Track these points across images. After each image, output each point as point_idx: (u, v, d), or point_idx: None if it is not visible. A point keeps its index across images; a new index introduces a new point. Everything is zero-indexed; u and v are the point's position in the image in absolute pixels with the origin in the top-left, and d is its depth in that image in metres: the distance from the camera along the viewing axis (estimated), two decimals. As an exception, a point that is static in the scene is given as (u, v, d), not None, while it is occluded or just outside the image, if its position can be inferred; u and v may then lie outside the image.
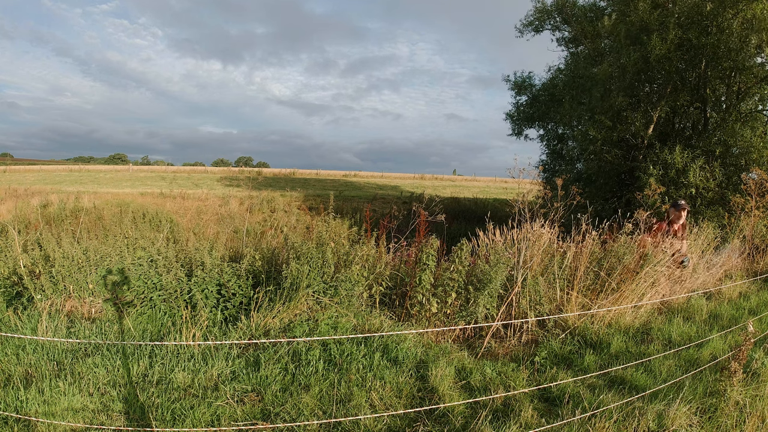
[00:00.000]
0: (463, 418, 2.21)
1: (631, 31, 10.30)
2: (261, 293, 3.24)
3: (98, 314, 3.21)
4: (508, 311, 3.49)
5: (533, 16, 13.58)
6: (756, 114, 10.99)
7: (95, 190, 18.90)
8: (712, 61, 9.95)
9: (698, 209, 9.45)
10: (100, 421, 2.07)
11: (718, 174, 9.44)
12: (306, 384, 2.44)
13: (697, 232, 5.33)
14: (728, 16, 9.00)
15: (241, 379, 2.46)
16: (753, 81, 10.44)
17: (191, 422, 2.07)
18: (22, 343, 2.65)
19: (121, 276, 3.35)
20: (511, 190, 21.76)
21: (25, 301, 3.22)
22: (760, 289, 5.05)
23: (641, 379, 2.66)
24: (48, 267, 3.40)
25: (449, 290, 3.34)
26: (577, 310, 3.65)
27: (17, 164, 47.40)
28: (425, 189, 15.84)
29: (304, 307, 3.31)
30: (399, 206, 7.16)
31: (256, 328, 2.99)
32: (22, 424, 1.97)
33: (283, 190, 19.62)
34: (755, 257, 6.17)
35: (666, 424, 2.16)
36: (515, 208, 4.03)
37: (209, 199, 15.05)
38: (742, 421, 2.21)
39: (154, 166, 59.37)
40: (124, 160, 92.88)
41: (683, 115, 11.58)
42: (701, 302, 4.25)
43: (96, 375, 2.41)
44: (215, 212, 11.30)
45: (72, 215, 6.88)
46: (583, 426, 2.12)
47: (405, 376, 2.60)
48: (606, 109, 10.86)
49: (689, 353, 3.06)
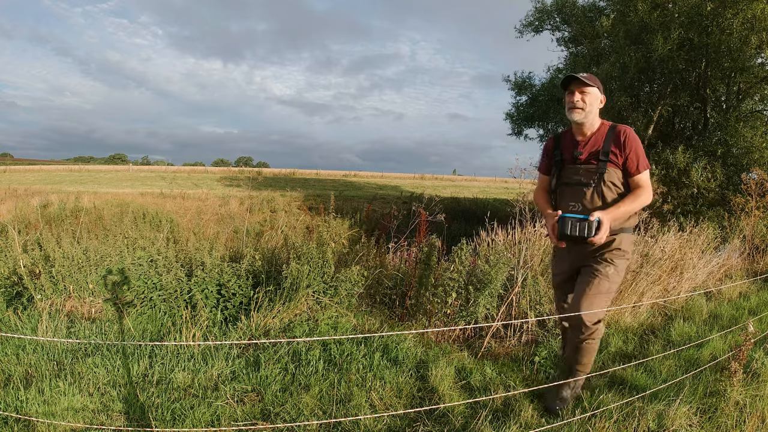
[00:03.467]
0: (463, 418, 2.21)
1: (631, 32, 10.30)
2: (261, 293, 3.24)
3: (98, 314, 3.21)
4: (508, 311, 3.49)
5: (533, 17, 13.58)
6: (756, 114, 10.98)
7: (95, 190, 18.91)
8: (712, 61, 9.95)
9: (699, 209, 9.45)
10: (100, 421, 2.07)
11: (719, 174, 9.44)
12: (306, 384, 2.44)
13: (697, 232, 5.33)
14: (728, 16, 9.00)
15: (241, 379, 2.46)
16: (753, 81, 10.43)
17: (191, 422, 2.07)
18: (22, 343, 2.65)
19: (121, 276, 3.35)
20: (511, 190, 21.80)
21: (25, 301, 3.23)
22: (760, 289, 5.05)
23: (641, 379, 2.66)
24: (48, 267, 3.40)
25: (449, 290, 3.34)
26: (577, 310, 3.64)
27: (17, 164, 47.45)
28: (425, 189, 15.85)
29: (304, 307, 3.31)
30: (399, 206, 7.16)
31: (256, 328, 2.99)
32: (22, 424, 1.97)
33: (283, 190, 19.63)
34: (755, 257, 6.17)
35: (666, 424, 2.16)
36: (516, 208, 4.03)
37: (209, 199, 15.06)
38: (742, 421, 2.21)
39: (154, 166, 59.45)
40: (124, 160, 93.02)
41: (683, 115, 11.58)
42: (701, 302, 4.25)
43: (96, 375, 2.42)
44: (215, 212, 11.31)
45: (72, 215, 6.88)
46: (583, 426, 2.12)
47: (405, 376, 2.60)
48: (607, 109, 10.87)
49: (689, 353, 3.06)
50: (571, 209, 2.34)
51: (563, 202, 2.39)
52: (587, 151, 2.34)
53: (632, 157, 2.29)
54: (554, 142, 2.50)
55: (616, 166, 2.28)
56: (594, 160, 2.31)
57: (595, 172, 2.29)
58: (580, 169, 2.34)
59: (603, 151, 2.28)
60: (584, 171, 2.33)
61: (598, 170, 2.29)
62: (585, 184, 2.32)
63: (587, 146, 2.35)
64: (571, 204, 2.35)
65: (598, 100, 2.34)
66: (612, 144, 2.29)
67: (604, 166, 2.28)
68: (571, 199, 2.36)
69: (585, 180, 2.32)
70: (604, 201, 2.29)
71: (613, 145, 2.29)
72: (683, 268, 4.59)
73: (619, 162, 2.27)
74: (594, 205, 2.31)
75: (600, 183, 2.28)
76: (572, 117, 2.31)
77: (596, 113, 2.36)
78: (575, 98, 2.28)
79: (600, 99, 2.35)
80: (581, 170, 2.34)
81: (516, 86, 14.86)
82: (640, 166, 2.29)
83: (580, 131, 2.37)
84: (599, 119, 2.39)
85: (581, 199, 2.33)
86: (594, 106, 2.32)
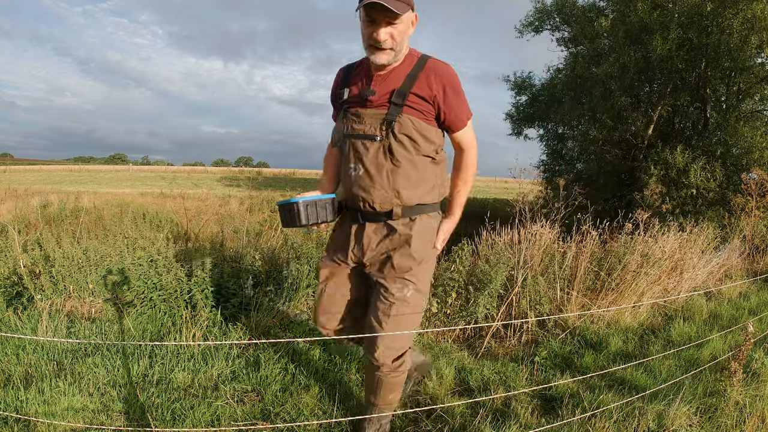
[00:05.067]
0: (463, 418, 2.21)
1: (631, 32, 10.30)
2: (261, 293, 3.24)
3: (98, 314, 3.21)
4: (508, 311, 3.49)
5: (533, 17, 13.58)
6: (756, 114, 10.98)
7: (95, 190, 18.92)
8: (712, 61, 9.95)
9: (699, 209, 9.45)
10: (100, 421, 2.07)
11: (719, 174, 9.44)
12: (306, 384, 2.44)
13: (697, 232, 5.33)
14: (728, 16, 9.00)
15: (241, 379, 2.46)
16: (753, 81, 10.44)
17: (191, 422, 2.07)
18: (22, 343, 2.65)
19: (121, 276, 3.35)
20: (511, 190, 21.79)
21: (25, 301, 3.22)
22: (760, 289, 5.05)
23: (641, 379, 2.66)
24: (48, 267, 3.40)
25: (449, 290, 3.34)
26: (577, 310, 3.65)
27: (17, 164, 47.46)
28: (425, 189, 15.79)
29: (304, 307, 3.31)
30: (399, 206, 7.15)
31: (256, 328, 2.99)
32: (22, 424, 1.97)
33: (283, 190, 19.64)
34: (755, 257, 6.17)
35: (666, 424, 2.16)
36: (515, 208, 4.03)
37: (209, 199, 15.05)
38: (742, 421, 2.21)
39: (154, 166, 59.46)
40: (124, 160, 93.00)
41: (683, 115, 11.59)
42: (701, 302, 4.25)
43: (96, 375, 2.41)
44: (215, 212, 11.31)
45: (72, 215, 6.88)
46: (583, 426, 2.12)
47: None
48: (607, 109, 10.87)
49: (689, 353, 3.06)
50: (350, 173, 1.69)
51: (344, 165, 1.72)
52: (382, 91, 1.64)
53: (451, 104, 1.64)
54: (344, 74, 1.78)
55: (421, 115, 1.63)
56: (388, 103, 1.62)
57: (384, 120, 1.61)
58: (366, 115, 1.65)
59: (399, 92, 1.60)
60: (371, 118, 1.63)
61: (387, 118, 1.60)
62: (370, 137, 1.62)
63: (385, 83, 1.65)
64: (350, 167, 1.68)
65: (409, 27, 1.62)
66: (416, 83, 1.61)
67: (398, 112, 1.60)
68: (351, 160, 1.68)
69: (370, 131, 1.63)
70: (395, 163, 1.63)
71: (418, 84, 1.61)
72: (683, 268, 4.59)
73: (425, 109, 1.63)
74: (380, 169, 1.64)
75: (389, 137, 1.61)
76: (376, 59, 1.59)
77: (407, 43, 1.66)
78: (381, 35, 1.54)
79: (412, 21, 1.61)
80: (367, 117, 1.64)
81: (516, 86, 14.86)
82: (463, 115, 1.68)
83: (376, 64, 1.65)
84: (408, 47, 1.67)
85: (362, 159, 1.65)
86: (405, 36, 1.60)
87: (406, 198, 1.66)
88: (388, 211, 1.68)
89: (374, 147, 1.63)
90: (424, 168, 1.69)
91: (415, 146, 1.64)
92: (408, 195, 1.67)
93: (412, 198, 1.68)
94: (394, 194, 1.65)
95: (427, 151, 1.67)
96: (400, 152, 1.62)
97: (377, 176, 1.64)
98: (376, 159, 1.63)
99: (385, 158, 1.63)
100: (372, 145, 1.63)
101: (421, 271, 1.75)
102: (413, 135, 1.62)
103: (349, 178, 1.70)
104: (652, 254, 4.08)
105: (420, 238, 1.72)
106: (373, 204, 1.66)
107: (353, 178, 1.68)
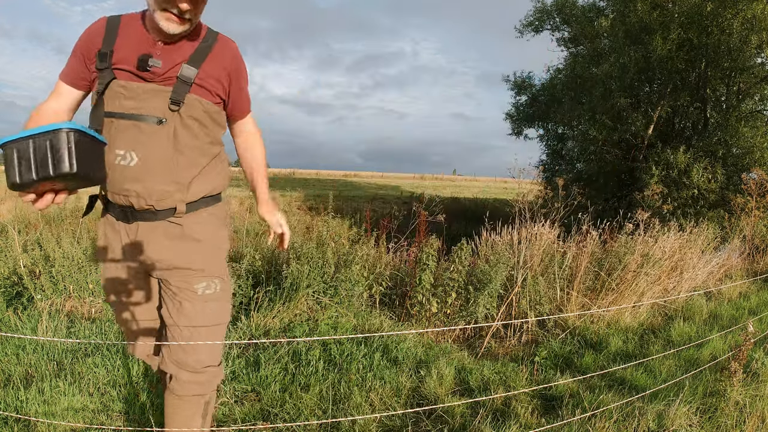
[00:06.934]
0: (463, 418, 2.21)
1: (631, 32, 10.31)
2: (261, 293, 3.24)
3: (98, 314, 3.21)
4: (508, 311, 3.49)
5: (533, 17, 13.58)
6: (757, 114, 10.99)
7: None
8: (712, 62, 9.96)
9: (700, 210, 9.45)
10: (100, 421, 2.07)
11: (720, 175, 9.44)
12: (306, 384, 2.44)
13: (697, 232, 5.33)
14: (728, 16, 9.00)
15: (241, 379, 2.46)
16: (753, 81, 10.44)
17: (191, 422, 2.07)
18: (22, 343, 2.65)
19: (121, 276, 3.35)
20: (511, 190, 21.79)
21: (25, 301, 3.23)
22: (760, 289, 5.05)
23: (641, 379, 2.66)
24: (48, 267, 3.40)
25: (449, 290, 3.34)
26: (577, 310, 3.65)
27: (17, 164, 47.35)
28: (425, 189, 15.84)
29: (304, 307, 3.31)
30: (399, 206, 7.17)
31: (255, 328, 2.99)
32: (22, 424, 1.97)
33: (283, 190, 19.63)
34: (755, 257, 6.17)
35: (666, 424, 2.16)
36: (515, 208, 4.04)
37: (209, 199, 15.04)
38: (742, 421, 2.21)
39: (154, 166, 59.31)
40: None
41: (683, 115, 11.59)
42: (701, 302, 4.25)
43: (96, 375, 2.42)
44: (215, 212, 11.31)
45: (72, 215, 6.88)
46: (583, 426, 2.12)
47: (405, 376, 2.60)
48: (607, 109, 10.87)
49: (689, 353, 3.06)
50: (118, 163, 1.32)
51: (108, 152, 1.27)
52: (168, 64, 1.33)
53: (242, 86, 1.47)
54: (107, 29, 1.36)
55: (209, 95, 1.38)
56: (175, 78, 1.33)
57: (172, 100, 1.32)
58: (144, 90, 1.32)
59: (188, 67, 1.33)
60: (150, 95, 1.32)
61: (174, 97, 1.32)
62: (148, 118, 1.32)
63: (171, 54, 1.34)
64: (119, 153, 1.32)
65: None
66: (207, 58, 1.36)
67: (185, 90, 1.33)
68: (121, 145, 1.32)
69: (148, 112, 1.32)
70: (181, 151, 1.36)
71: (210, 60, 1.37)
72: (683, 268, 4.59)
73: (214, 89, 1.39)
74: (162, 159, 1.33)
75: (174, 119, 1.33)
76: (169, 28, 1.27)
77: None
78: (185, 3, 1.23)
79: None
80: (145, 93, 1.32)
81: (516, 86, 14.86)
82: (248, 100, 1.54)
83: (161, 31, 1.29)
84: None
85: (135, 146, 1.32)
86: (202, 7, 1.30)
87: (193, 191, 1.40)
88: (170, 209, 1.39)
89: (154, 131, 1.32)
90: (211, 156, 1.45)
91: (204, 131, 1.40)
92: (195, 188, 1.41)
93: (199, 191, 1.42)
94: (177, 188, 1.37)
95: (215, 136, 1.45)
96: (186, 138, 1.36)
97: (157, 167, 1.33)
98: (156, 146, 1.33)
99: (169, 145, 1.34)
100: (151, 128, 1.32)
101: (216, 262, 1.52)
102: (202, 118, 1.38)
103: (116, 169, 1.33)
104: (652, 254, 4.09)
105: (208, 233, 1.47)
106: (150, 200, 1.36)
107: (122, 169, 1.33)
